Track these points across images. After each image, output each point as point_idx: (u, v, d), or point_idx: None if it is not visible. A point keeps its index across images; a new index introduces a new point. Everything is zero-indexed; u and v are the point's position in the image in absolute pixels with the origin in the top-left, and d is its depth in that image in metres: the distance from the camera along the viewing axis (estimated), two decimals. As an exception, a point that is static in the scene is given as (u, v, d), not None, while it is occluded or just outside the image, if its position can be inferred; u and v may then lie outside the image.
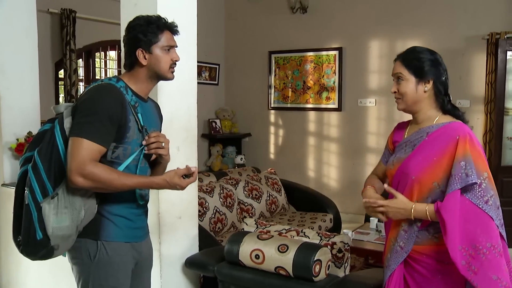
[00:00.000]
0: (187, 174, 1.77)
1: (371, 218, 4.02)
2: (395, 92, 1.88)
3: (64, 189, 1.70)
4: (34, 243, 1.71)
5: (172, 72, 1.89)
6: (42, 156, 1.72)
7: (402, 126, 2.03)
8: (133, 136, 1.80)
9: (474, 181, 1.69)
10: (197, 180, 2.80)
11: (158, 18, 1.85)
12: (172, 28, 1.87)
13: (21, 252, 1.78)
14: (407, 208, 1.78)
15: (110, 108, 1.71)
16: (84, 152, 1.65)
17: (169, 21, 1.87)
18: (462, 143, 1.73)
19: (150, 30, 1.81)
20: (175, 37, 1.90)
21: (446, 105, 1.86)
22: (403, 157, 1.88)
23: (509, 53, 4.88)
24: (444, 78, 1.84)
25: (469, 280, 1.67)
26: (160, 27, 1.83)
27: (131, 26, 1.84)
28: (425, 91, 1.83)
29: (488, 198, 1.71)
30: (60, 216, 1.69)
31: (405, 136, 1.95)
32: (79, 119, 1.70)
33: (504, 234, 1.75)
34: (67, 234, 1.71)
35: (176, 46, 1.89)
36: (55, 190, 1.70)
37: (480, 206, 1.70)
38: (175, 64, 1.89)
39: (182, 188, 1.79)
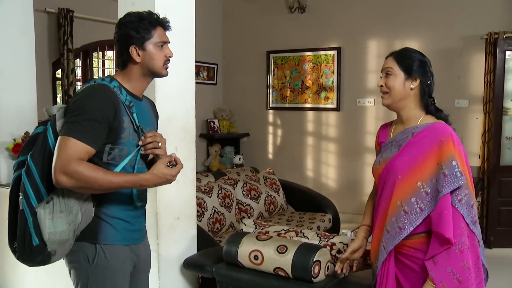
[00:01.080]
0: (170, 162, 1.75)
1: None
2: (381, 86, 1.95)
3: (59, 193, 1.67)
4: (30, 249, 1.68)
5: (166, 68, 1.87)
6: (35, 160, 1.69)
7: (385, 126, 2.10)
8: (129, 137, 1.77)
9: (463, 182, 1.75)
10: (195, 180, 2.81)
11: (150, 14, 1.81)
12: (164, 24, 1.84)
13: (18, 258, 1.75)
14: None
15: (100, 109, 1.68)
16: (70, 150, 1.61)
17: (161, 16, 1.84)
18: (446, 143, 1.79)
19: (143, 26, 1.77)
20: (167, 33, 1.87)
21: (429, 106, 1.93)
22: (389, 156, 1.93)
23: (507, 52, 4.87)
24: (429, 82, 1.92)
25: (427, 268, 1.77)
26: (152, 23, 1.80)
27: (122, 23, 1.80)
28: (411, 88, 1.90)
29: (462, 197, 1.77)
30: (56, 220, 1.66)
31: (391, 136, 2.01)
32: (69, 118, 1.67)
33: (476, 231, 1.82)
34: (64, 239, 1.68)
35: (169, 42, 1.87)
36: (49, 195, 1.68)
37: (453, 204, 1.77)
38: (169, 60, 1.87)
39: (172, 176, 1.74)
